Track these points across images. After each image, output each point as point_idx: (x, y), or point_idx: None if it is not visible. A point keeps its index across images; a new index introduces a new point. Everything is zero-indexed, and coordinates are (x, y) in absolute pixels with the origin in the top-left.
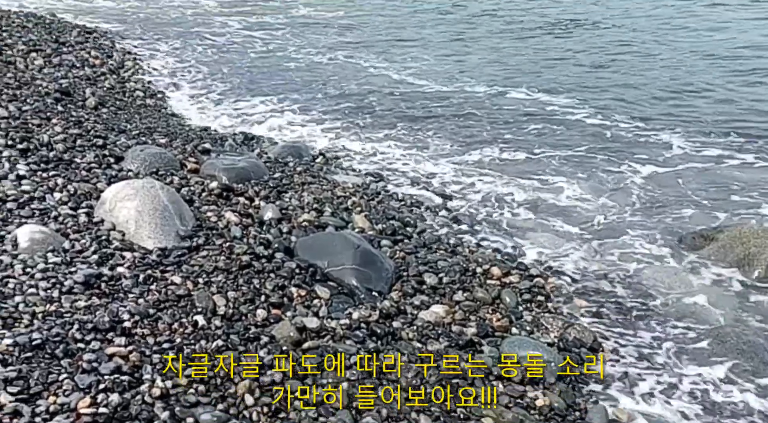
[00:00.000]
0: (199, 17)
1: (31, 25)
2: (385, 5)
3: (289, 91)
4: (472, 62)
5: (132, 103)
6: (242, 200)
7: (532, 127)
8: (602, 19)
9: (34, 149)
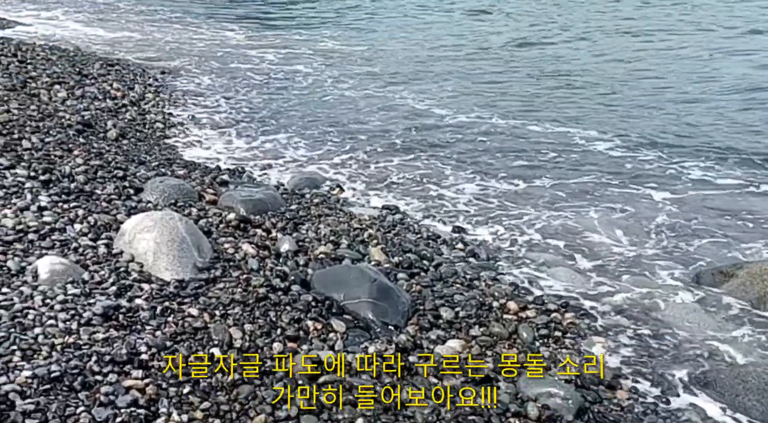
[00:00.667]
0: (229, 50)
1: (55, 58)
2: (406, 39)
3: (313, 125)
4: (490, 94)
5: (152, 135)
6: (259, 232)
7: (549, 158)
8: (613, 51)
9: (56, 180)
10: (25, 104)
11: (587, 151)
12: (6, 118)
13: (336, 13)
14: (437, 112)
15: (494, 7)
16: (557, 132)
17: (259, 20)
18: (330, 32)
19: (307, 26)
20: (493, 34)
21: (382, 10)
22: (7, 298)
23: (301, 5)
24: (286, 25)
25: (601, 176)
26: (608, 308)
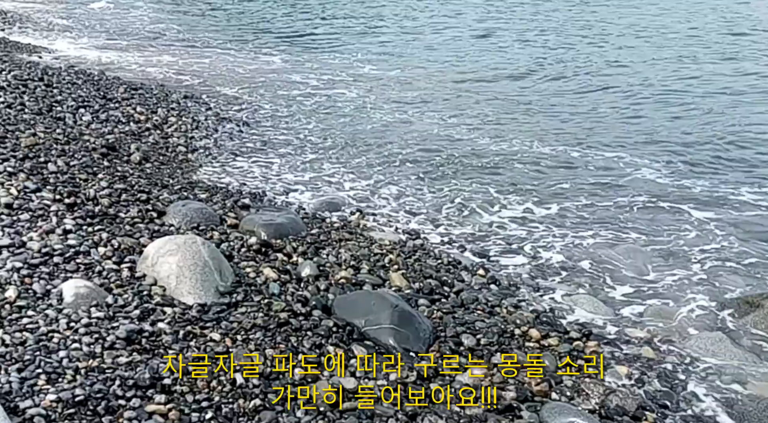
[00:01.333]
0: (268, 74)
1: (80, 82)
2: (436, 61)
3: (348, 150)
4: (522, 119)
5: (174, 159)
6: (280, 256)
7: (578, 182)
8: (651, 74)
9: (80, 203)
10: (51, 128)
11: (619, 175)
12: (32, 142)
13: (362, 33)
14: (469, 136)
15: (525, 28)
16: (592, 156)
17: (292, 43)
18: (362, 55)
19: (340, 48)
20: (525, 56)
21: (407, 28)
22: (33, 321)
23: (326, 26)
24: (318, 46)
25: (628, 201)
26: (632, 337)
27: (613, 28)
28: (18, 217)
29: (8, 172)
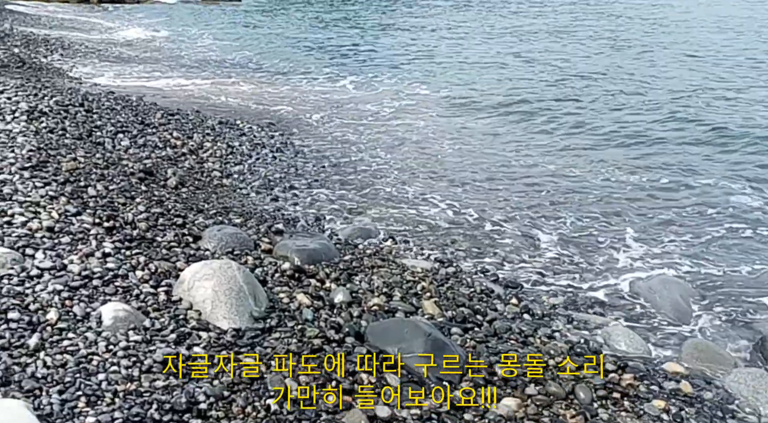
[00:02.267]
0: (309, 98)
1: (119, 108)
2: (491, 79)
3: (398, 180)
4: (581, 144)
5: (209, 183)
6: (314, 282)
7: (624, 210)
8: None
9: (119, 227)
10: (91, 152)
11: (652, 200)
12: (73, 166)
13: (405, 53)
14: (526, 161)
15: (582, 52)
16: (653, 181)
17: (334, 67)
18: (414, 75)
19: (392, 68)
20: (584, 79)
21: (459, 53)
22: (73, 344)
23: (368, 44)
24: (376, 69)
25: (667, 228)
26: (670, 371)
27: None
28: (59, 240)
29: (50, 196)
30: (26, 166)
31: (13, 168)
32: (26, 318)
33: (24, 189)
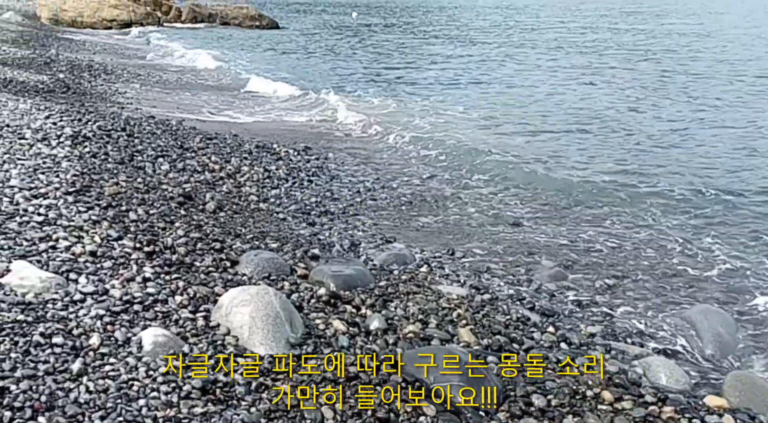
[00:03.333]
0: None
1: (160, 132)
2: (528, 101)
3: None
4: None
5: (246, 208)
6: (349, 308)
7: (645, 238)
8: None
9: (159, 252)
10: (132, 177)
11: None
12: (115, 191)
13: (443, 76)
14: (560, 186)
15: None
16: (693, 207)
17: (380, 84)
18: (452, 98)
19: (430, 92)
20: (635, 91)
21: (496, 71)
22: (114, 369)
23: (405, 68)
24: (411, 87)
25: (711, 258)
26: (712, 405)
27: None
28: (101, 265)
29: (93, 220)
30: (70, 190)
31: (58, 193)
32: (70, 343)
33: (68, 213)
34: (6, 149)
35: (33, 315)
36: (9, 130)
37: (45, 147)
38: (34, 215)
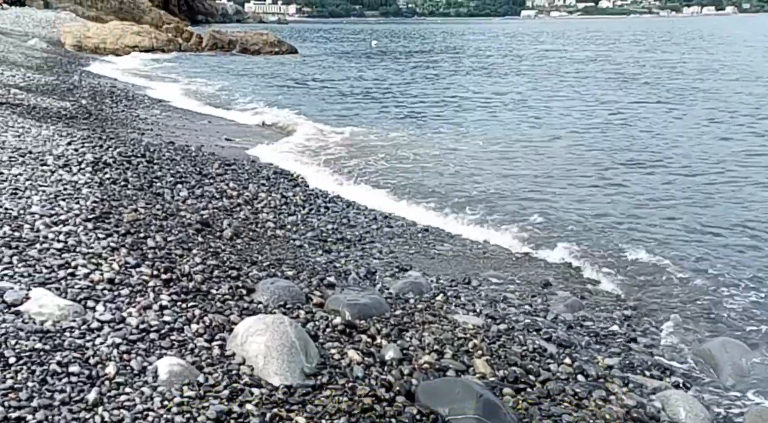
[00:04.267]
0: (362, 148)
1: (179, 158)
2: (549, 136)
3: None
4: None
5: (263, 234)
6: (364, 338)
7: (666, 271)
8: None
9: (176, 279)
10: (151, 203)
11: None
12: (134, 217)
13: (454, 104)
14: (577, 217)
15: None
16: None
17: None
18: (472, 124)
19: (447, 119)
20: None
21: (513, 101)
22: (130, 399)
23: (421, 93)
24: (429, 120)
25: (730, 291)
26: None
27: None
28: (119, 293)
29: (111, 247)
30: (90, 217)
31: (78, 219)
32: (86, 372)
33: (87, 240)
34: (29, 176)
35: (50, 343)
36: (32, 156)
37: (66, 173)
38: (54, 242)
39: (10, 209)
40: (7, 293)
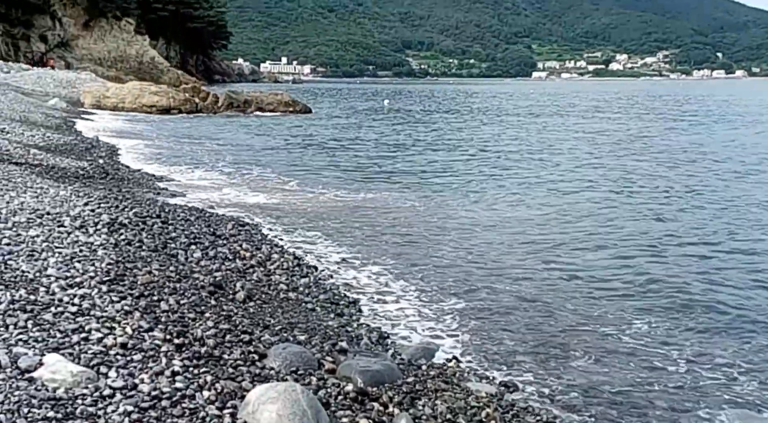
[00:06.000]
0: (367, 209)
1: (193, 219)
2: (544, 204)
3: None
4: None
5: (276, 297)
6: (377, 406)
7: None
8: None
9: (188, 344)
10: (165, 265)
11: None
12: (148, 280)
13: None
14: (595, 286)
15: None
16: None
17: (405, 180)
18: (488, 191)
19: (461, 185)
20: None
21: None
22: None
23: (431, 158)
24: (440, 185)
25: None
26: None
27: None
28: (131, 358)
29: (125, 311)
30: (104, 279)
31: (93, 282)
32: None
33: (101, 303)
34: (46, 237)
35: (63, 411)
36: (49, 217)
37: (82, 235)
38: (69, 305)
39: (27, 272)
40: (21, 359)
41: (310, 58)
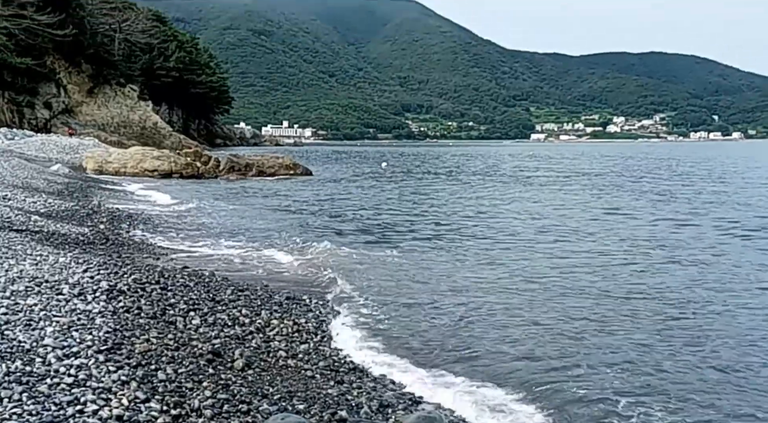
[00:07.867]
0: (375, 268)
1: (192, 284)
2: (539, 273)
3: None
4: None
5: (275, 364)
6: None
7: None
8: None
9: (185, 415)
10: (163, 332)
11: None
12: (146, 348)
13: (449, 223)
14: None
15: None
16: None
17: (409, 240)
18: (489, 253)
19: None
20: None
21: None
22: None
23: (429, 220)
24: (432, 244)
25: None
26: None
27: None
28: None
29: (122, 381)
30: (102, 348)
31: (90, 351)
32: None
33: (98, 374)
34: (43, 306)
35: None
36: (47, 285)
37: (81, 302)
38: (65, 376)
39: (24, 342)
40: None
41: (311, 121)
